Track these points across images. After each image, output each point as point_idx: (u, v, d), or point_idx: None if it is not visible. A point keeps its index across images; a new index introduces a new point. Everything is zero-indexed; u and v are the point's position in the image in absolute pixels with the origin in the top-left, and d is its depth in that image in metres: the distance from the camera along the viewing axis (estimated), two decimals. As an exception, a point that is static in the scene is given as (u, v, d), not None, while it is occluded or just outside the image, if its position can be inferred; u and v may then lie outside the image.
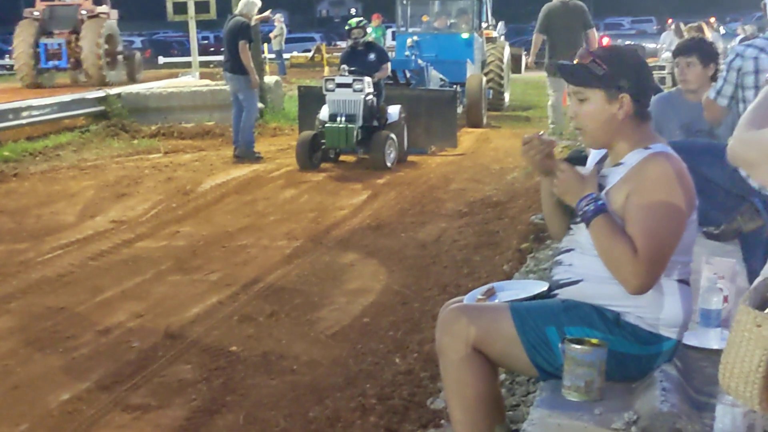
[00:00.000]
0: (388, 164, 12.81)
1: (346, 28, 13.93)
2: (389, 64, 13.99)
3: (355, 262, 8.17)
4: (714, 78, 6.26)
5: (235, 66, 13.80)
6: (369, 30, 14.37)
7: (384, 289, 7.29)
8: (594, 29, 15.03)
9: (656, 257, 3.15)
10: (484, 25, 21.68)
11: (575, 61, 3.37)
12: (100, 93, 18.38)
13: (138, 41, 60.42)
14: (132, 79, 25.33)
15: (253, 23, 14.79)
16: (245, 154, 13.82)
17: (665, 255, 3.19)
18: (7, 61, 48.34)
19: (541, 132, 3.49)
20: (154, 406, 5.10)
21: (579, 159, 3.80)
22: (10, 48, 28.27)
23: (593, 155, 3.71)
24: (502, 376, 4.52)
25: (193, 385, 5.38)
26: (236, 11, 14.52)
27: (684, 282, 3.33)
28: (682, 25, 27.39)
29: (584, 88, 3.33)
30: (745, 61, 5.57)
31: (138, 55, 28.37)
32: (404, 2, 21.14)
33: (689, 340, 3.66)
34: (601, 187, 3.34)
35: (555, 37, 14.70)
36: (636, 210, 3.19)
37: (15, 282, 7.51)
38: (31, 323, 6.51)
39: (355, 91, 12.75)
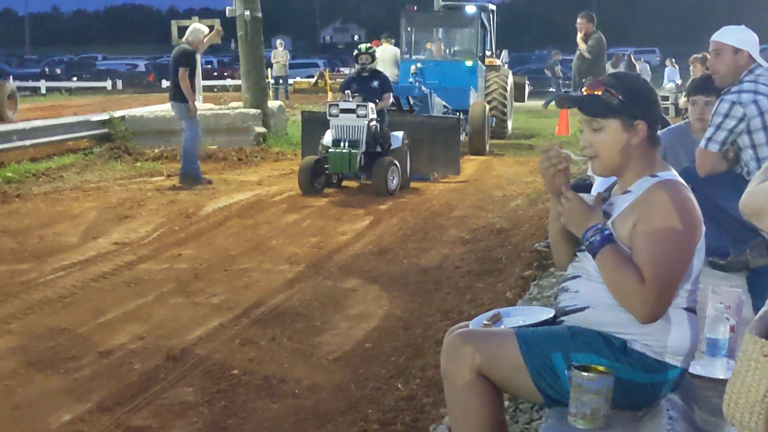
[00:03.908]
0: (391, 190, 12.81)
1: (355, 53, 13.93)
2: (391, 93, 14.01)
3: (358, 287, 8.15)
4: None
5: (177, 93, 13.75)
6: (377, 55, 14.36)
7: (386, 315, 7.27)
8: None
9: (664, 285, 3.15)
10: (488, 53, 21.78)
11: (585, 91, 3.38)
12: (104, 115, 18.46)
13: (142, 65, 60.75)
14: (2, 118, 21.25)
15: (205, 42, 14.79)
16: (189, 180, 13.63)
17: (673, 283, 3.19)
18: (11, 82, 48.76)
19: (559, 143, 3.49)
20: (156, 428, 5.08)
21: (583, 187, 3.79)
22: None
23: (598, 183, 3.71)
24: (506, 403, 4.50)
25: (194, 408, 5.35)
26: (183, 39, 14.56)
27: (691, 310, 3.32)
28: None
29: (600, 118, 3.34)
30: (746, 107, 5.55)
31: (9, 86, 23.85)
32: (409, 29, 21.25)
33: (695, 369, 3.66)
34: (608, 215, 3.34)
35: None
36: (643, 239, 3.19)
37: (17, 302, 7.49)
38: (33, 344, 6.48)
39: (358, 116, 12.78)
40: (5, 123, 18.57)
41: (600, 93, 3.32)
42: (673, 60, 33.21)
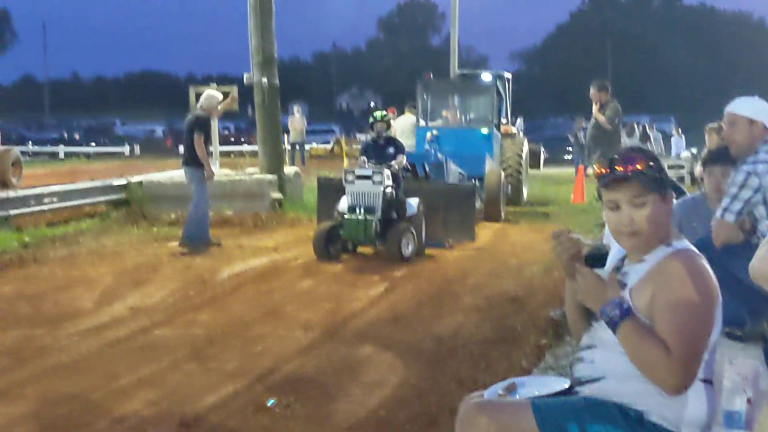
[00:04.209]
0: (406, 257, 12.80)
1: (370, 120, 14.01)
2: (405, 156, 14.05)
3: (372, 354, 8.12)
4: None
5: (189, 158, 13.91)
6: (393, 124, 14.42)
7: (401, 382, 7.23)
8: None
9: (690, 354, 3.13)
10: (503, 121, 21.90)
11: (624, 167, 3.33)
12: (122, 180, 18.62)
13: (159, 130, 61.38)
14: (6, 185, 21.12)
15: (220, 109, 15.01)
16: (193, 246, 13.65)
17: (699, 352, 3.17)
18: (30, 147, 49.33)
19: (569, 229, 3.49)
20: (167, 497, 5.04)
21: (600, 257, 3.79)
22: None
23: (614, 252, 3.71)
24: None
25: (207, 476, 5.32)
26: (197, 105, 14.74)
27: (707, 381, 3.30)
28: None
29: (645, 193, 3.33)
30: (762, 178, 5.56)
31: (14, 153, 23.57)
32: (425, 97, 21.39)
33: (712, 441, 3.62)
34: (622, 285, 3.33)
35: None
36: (664, 309, 3.18)
37: (31, 367, 7.49)
38: (46, 409, 6.47)
39: (374, 183, 12.82)
40: (9, 190, 18.31)
41: (643, 168, 3.31)
42: (680, 129, 33.29)
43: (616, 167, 3.34)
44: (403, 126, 21.31)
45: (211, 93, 14.62)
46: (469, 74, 25.67)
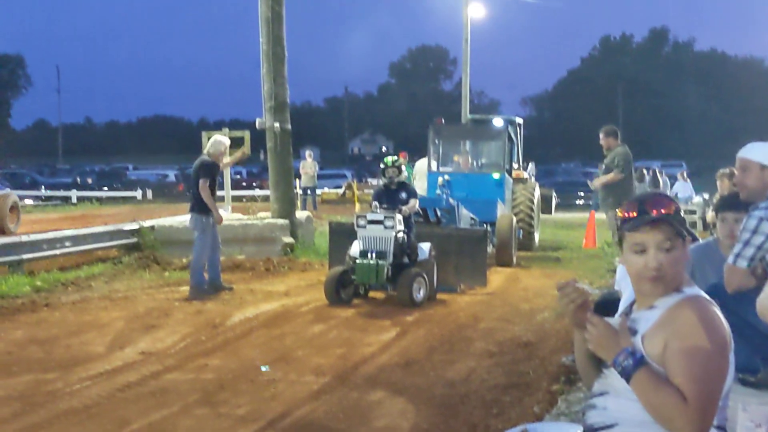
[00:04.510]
0: (417, 301, 12.79)
1: (381, 166, 14.04)
2: (417, 200, 14.07)
3: (383, 399, 8.09)
4: None
5: (194, 204, 13.88)
6: (404, 169, 14.39)
7: (412, 428, 7.20)
8: None
9: (707, 402, 3.10)
10: (515, 166, 21.93)
11: (657, 210, 3.33)
12: (134, 225, 18.68)
13: (172, 175, 61.56)
14: (3, 231, 20.86)
15: (229, 159, 15.08)
16: (201, 292, 13.61)
17: (715, 399, 3.15)
18: (43, 192, 49.59)
19: (574, 279, 3.47)
20: None
21: (612, 301, 3.78)
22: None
23: (625, 298, 3.70)
24: None
25: None
26: (204, 151, 14.65)
27: (721, 428, 3.28)
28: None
29: (674, 237, 3.32)
30: None
31: (12, 197, 23.01)
32: (436, 142, 21.44)
33: (726, 489, 3.59)
34: (633, 331, 3.31)
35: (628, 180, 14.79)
36: (678, 357, 3.15)
37: (42, 412, 7.48)
38: (57, 454, 6.46)
39: (386, 228, 12.84)
40: (7, 235, 18.12)
41: (673, 213, 3.31)
42: (685, 173, 33.18)
43: (647, 211, 3.32)
44: (423, 170, 21.41)
45: (218, 139, 14.57)
46: (481, 119, 25.74)
